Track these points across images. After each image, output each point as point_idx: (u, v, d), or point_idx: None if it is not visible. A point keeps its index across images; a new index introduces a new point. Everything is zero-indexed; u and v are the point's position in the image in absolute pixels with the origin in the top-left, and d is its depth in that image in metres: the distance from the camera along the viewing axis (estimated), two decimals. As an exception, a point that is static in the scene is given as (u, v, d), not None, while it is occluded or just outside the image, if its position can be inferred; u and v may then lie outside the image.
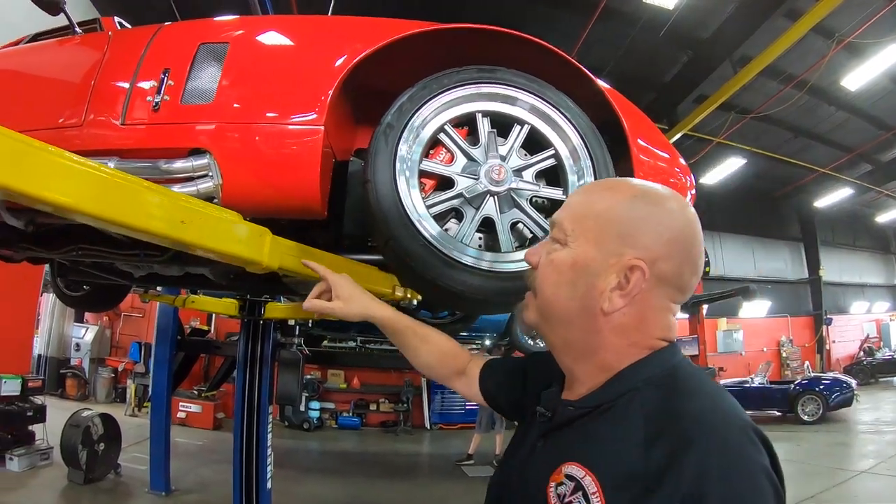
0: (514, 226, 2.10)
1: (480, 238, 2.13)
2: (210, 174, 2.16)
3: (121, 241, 2.57)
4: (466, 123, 2.16)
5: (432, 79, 2.08)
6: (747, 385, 16.48)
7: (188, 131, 2.22)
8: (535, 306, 1.18)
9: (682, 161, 2.68)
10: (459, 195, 2.03)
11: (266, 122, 2.18)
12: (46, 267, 6.11)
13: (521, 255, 1.94)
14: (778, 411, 16.21)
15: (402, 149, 1.98)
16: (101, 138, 2.36)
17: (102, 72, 2.51)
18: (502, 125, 2.18)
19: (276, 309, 5.92)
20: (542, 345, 9.46)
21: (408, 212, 1.91)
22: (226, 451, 10.85)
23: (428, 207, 1.98)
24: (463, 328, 6.40)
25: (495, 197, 2.04)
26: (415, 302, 2.74)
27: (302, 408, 14.86)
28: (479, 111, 2.13)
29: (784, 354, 21.75)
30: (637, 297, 1.04)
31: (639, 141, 2.34)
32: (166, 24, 2.63)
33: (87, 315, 16.45)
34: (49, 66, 2.92)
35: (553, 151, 2.16)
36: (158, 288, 5.84)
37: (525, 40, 2.24)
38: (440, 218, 2.03)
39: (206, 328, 13.00)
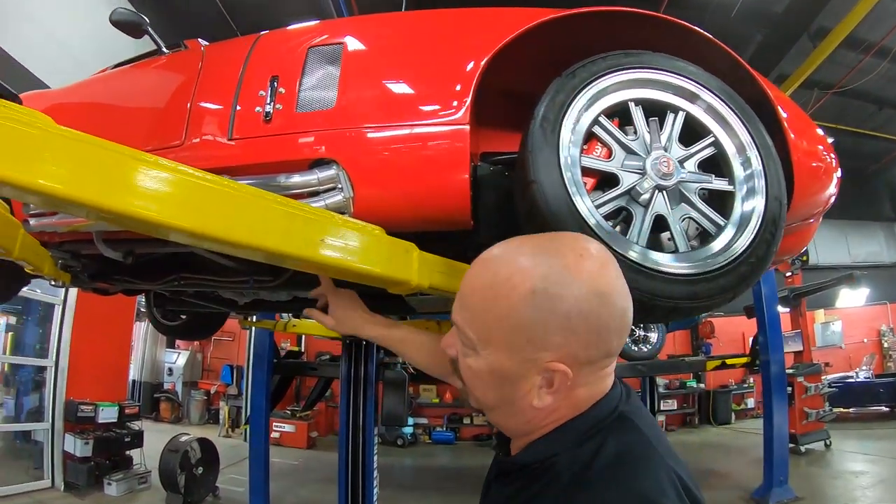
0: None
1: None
2: (339, 186, 2.00)
3: (227, 267, 2.46)
4: (616, 114, 1.98)
5: (580, 66, 1.92)
6: (851, 381, 15.38)
7: (309, 141, 2.09)
8: (467, 392, 1.14)
9: (828, 141, 2.53)
10: (625, 193, 1.84)
11: (402, 125, 2.04)
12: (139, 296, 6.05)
13: (703, 253, 1.82)
14: (886, 406, 15.19)
15: (564, 144, 1.79)
16: (206, 157, 2.22)
17: (200, 88, 2.44)
18: (652, 114, 2.00)
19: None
20: (644, 349, 9.15)
21: (582, 214, 1.71)
22: (322, 470, 10.86)
23: (597, 208, 1.78)
24: None
25: (664, 192, 1.84)
26: None
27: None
28: (631, 99, 1.97)
29: (885, 345, 20.43)
30: (567, 386, 0.99)
31: (787, 119, 2.20)
32: (263, 33, 2.54)
33: (179, 341, 16.82)
34: (141, 88, 2.87)
35: (713, 139, 1.99)
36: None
37: (665, 21, 2.13)
38: (607, 220, 1.83)
39: (296, 349, 13.11)
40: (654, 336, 9.27)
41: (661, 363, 9.83)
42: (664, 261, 1.75)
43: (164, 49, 2.93)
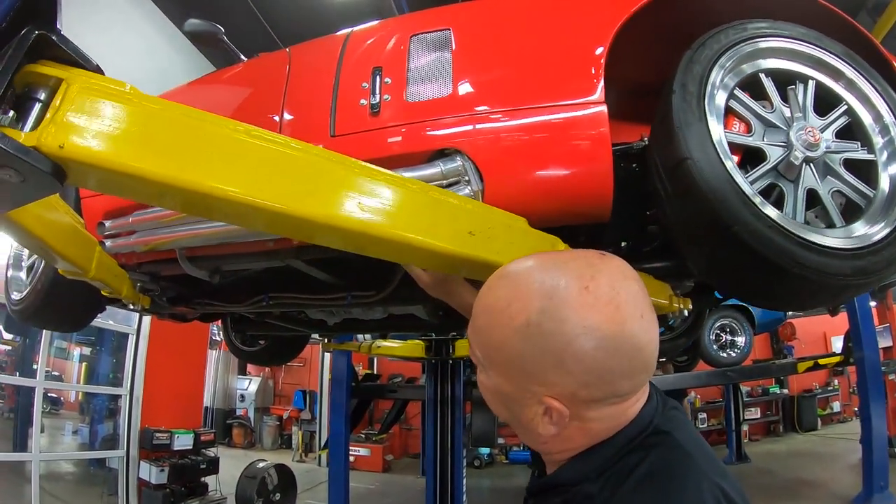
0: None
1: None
2: (466, 179, 1.82)
3: (324, 283, 2.40)
4: (745, 88, 1.87)
5: (709, 38, 1.82)
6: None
7: (426, 131, 1.94)
8: None
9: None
10: (773, 168, 1.75)
11: (532, 108, 1.87)
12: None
13: (860, 226, 1.74)
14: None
15: (711, 118, 1.70)
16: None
17: (291, 89, 2.33)
18: (779, 85, 1.90)
19: (466, 346, 5.33)
20: (732, 354, 8.59)
21: (745, 190, 1.60)
22: (398, 494, 10.74)
23: (751, 185, 1.67)
24: (687, 342, 5.82)
25: (811, 164, 1.76)
26: (685, 312, 2.28)
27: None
28: (762, 70, 1.88)
29: None
30: (571, 419, 0.93)
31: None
32: (353, 28, 2.40)
33: (250, 367, 17.05)
34: (224, 98, 2.75)
35: (845, 107, 1.89)
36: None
37: None
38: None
39: (368, 372, 13.02)
40: (741, 340, 8.69)
41: (751, 368, 9.24)
42: (828, 236, 1.66)
43: (242, 58, 2.85)
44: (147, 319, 8.58)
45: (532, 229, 1.59)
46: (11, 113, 0.95)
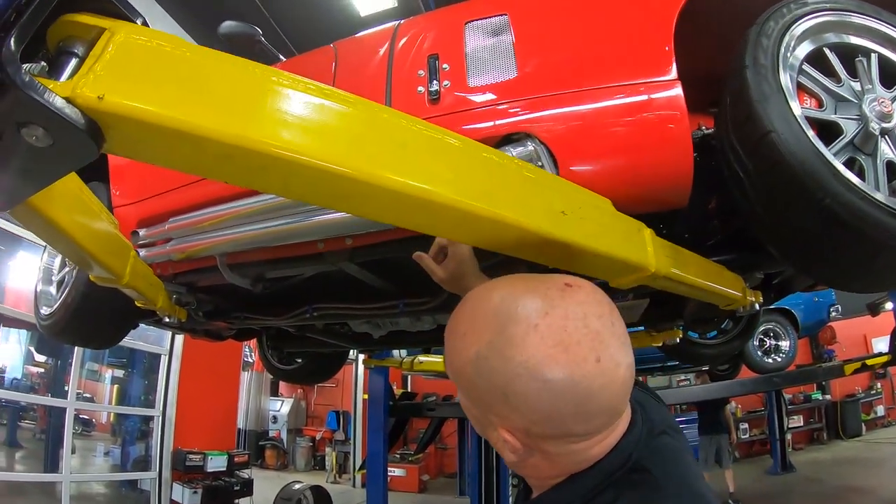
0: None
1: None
2: (539, 163, 1.70)
3: (374, 291, 2.26)
4: (811, 62, 1.80)
5: (773, 13, 1.75)
6: None
7: (493, 115, 1.81)
8: None
9: None
10: (850, 142, 1.66)
11: (605, 87, 1.75)
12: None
13: None
14: None
15: (787, 91, 1.62)
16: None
17: (338, 83, 2.20)
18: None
19: None
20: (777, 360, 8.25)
21: (832, 162, 1.54)
22: None
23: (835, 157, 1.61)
24: (741, 345, 5.53)
25: (886, 136, 1.67)
26: (757, 306, 2.15)
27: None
28: (826, 45, 1.80)
29: None
30: (530, 449, 0.91)
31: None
32: (401, 20, 2.30)
33: (282, 388, 17.25)
34: None
35: None
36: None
37: None
38: None
39: (403, 391, 12.87)
40: (785, 345, 8.35)
41: (797, 373, 8.86)
42: None
43: (281, 58, 2.76)
44: (179, 340, 8.60)
45: (619, 213, 1.46)
46: (44, 64, 0.80)
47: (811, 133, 1.56)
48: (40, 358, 8.42)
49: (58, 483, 7.11)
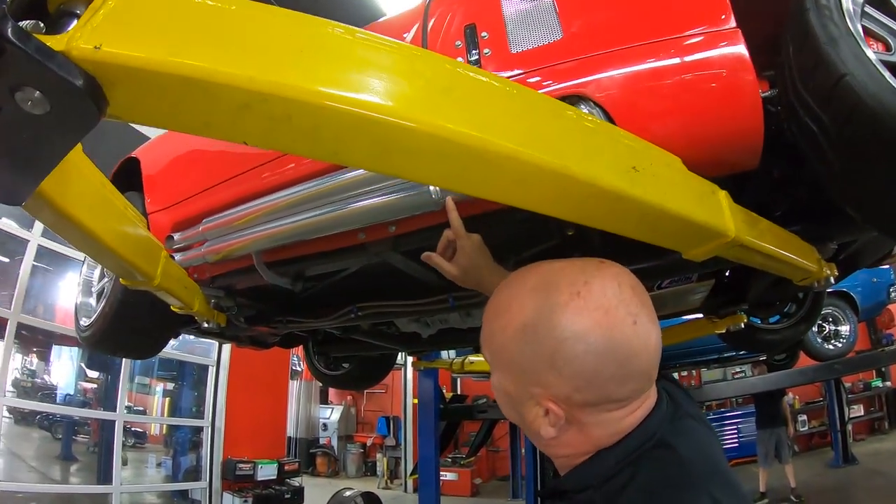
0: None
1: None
2: None
3: (424, 286, 2.08)
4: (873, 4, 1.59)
5: None
6: None
7: (541, 80, 1.63)
8: None
9: None
10: None
11: (661, 39, 1.56)
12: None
13: None
14: None
15: (856, 32, 1.45)
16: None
17: None
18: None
19: None
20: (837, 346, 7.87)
21: None
22: None
23: None
24: (806, 329, 5.20)
25: None
26: (832, 279, 2.01)
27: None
28: None
29: None
30: (569, 422, 0.95)
31: None
32: None
33: (332, 396, 17.40)
34: None
35: None
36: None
37: None
38: None
39: (452, 394, 12.76)
40: (845, 329, 7.93)
41: (859, 359, 8.40)
42: None
43: None
44: (226, 351, 8.70)
45: (690, 172, 1.33)
46: (39, 23, 0.71)
47: (888, 74, 1.39)
48: (92, 374, 8.64)
49: (109, 494, 7.24)
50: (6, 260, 7.20)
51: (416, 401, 13.34)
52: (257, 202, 1.89)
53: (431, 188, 1.44)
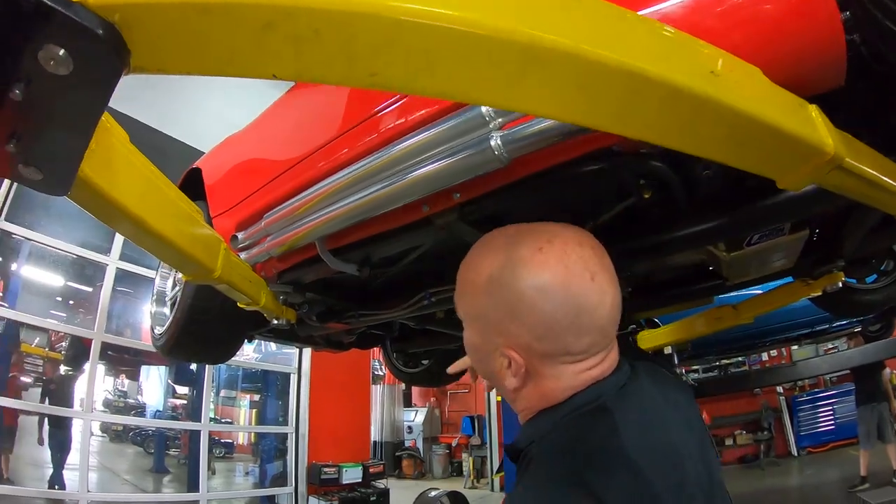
0: None
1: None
2: None
3: None
4: None
5: None
6: None
7: None
8: None
9: None
10: None
11: None
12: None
13: None
14: None
15: None
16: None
17: None
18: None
19: (652, 337, 4.74)
20: None
21: None
22: None
23: None
24: None
25: None
26: None
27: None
28: None
29: None
30: (529, 373, 1.03)
31: None
32: None
33: (415, 399, 17.87)
34: None
35: None
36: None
37: None
38: None
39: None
40: None
41: None
42: None
43: None
44: (307, 359, 8.85)
45: (774, 83, 1.10)
46: None
47: None
48: (181, 390, 8.97)
49: (196, 502, 7.50)
50: (89, 289, 7.48)
51: (499, 398, 13.23)
52: (314, 188, 1.81)
53: (493, 143, 1.31)
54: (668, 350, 5.61)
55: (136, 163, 1.23)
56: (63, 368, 7.08)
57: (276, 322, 2.33)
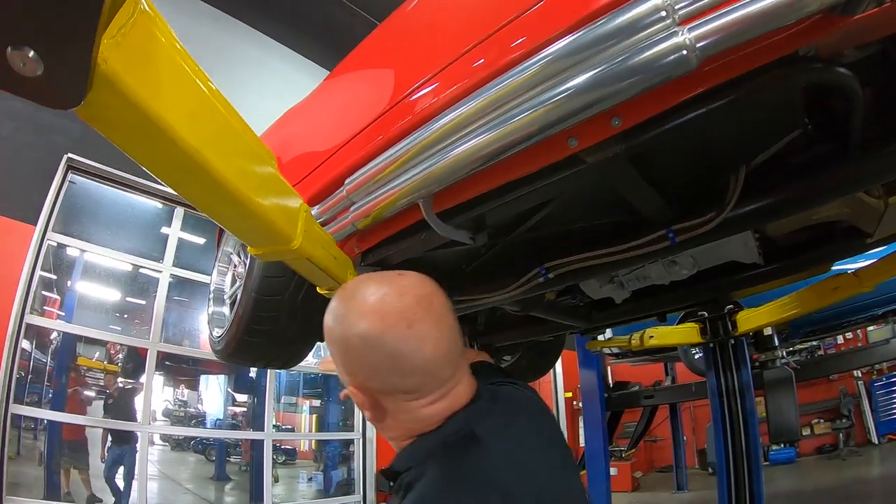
0: None
1: None
2: None
3: (622, 226, 1.69)
4: None
5: None
6: None
7: None
8: None
9: None
10: None
11: None
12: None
13: None
14: None
15: None
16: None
17: None
18: None
19: (754, 317, 4.31)
20: None
21: None
22: None
23: None
24: None
25: None
26: None
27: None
28: None
29: None
30: (380, 407, 1.12)
31: None
32: None
33: None
34: None
35: None
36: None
37: None
38: None
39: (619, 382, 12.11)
40: None
41: None
42: None
43: None
44: None
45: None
46: None
47: None
48: (241, 398, 9.20)
49: None
50: (143, 302, 7.54)
51: (568, 394, 12.78)
52: (413, 137, 1.39)
53: (680, 39, 0.94)
54: (768, 331, 5.13)
55: (188, 70, 0.84)
56: (121, 381, 7.04)
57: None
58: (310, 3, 9.09)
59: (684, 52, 0.93)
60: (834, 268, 2.89)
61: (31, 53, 0.58)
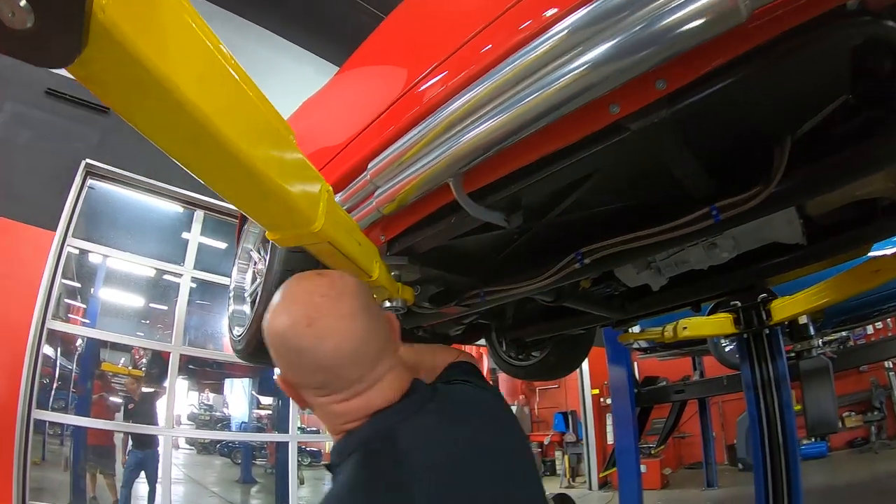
0: None
1: None
2: None
3: (661, 206, 1.59)
4: None
5: None
6: None
7: None
8: None
9: None
10: None
11: None
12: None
13: None
14: None
15: None
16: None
17: None
18: None
19: (790, 305, 4.18)
20: None
21: None
22: None
23: None
24: None
25: None
26: None
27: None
28: None
29: None
30: (303, 401, 1.18)
31: None
32: None
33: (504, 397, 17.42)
34: None
35: None
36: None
37: None
38: None
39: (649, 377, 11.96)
40: None
41: None
42: None
43: None
44: None
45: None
46: None
47: None
48: (265, 401, 9.39)
49: None
50: (165, 307, 7.70)
51: (595, 391, 12.62)
52: (441, 112, 1.31)
53: None
54: (803, 320, 5.03)
55: (197, 30, 0.76)
56: (145, 386, 7.06)
57: (388, 305, 1.82)
58: (323, 3, 9.08)
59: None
60: (870, 253, 2.77)
61: (23, 2, 0.51)
